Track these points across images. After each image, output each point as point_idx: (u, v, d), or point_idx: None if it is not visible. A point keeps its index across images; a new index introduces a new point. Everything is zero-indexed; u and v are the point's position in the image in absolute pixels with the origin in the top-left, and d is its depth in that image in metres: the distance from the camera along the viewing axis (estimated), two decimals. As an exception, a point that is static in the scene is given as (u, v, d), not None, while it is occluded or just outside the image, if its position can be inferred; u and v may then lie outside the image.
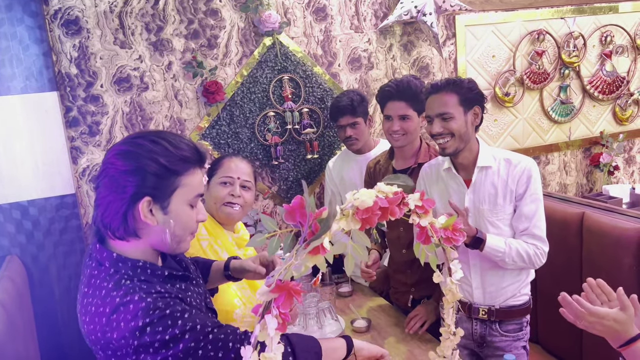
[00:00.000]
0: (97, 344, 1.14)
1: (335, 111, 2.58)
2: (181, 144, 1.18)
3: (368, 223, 1.17)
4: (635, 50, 3.66)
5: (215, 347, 1.16)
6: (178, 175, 1.17)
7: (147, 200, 1.13)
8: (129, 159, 1.14)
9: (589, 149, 3.70)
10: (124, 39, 2.54)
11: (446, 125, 1.88)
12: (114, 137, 2.59)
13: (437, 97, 1.91)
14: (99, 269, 1.17)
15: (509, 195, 1.91)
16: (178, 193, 1.17)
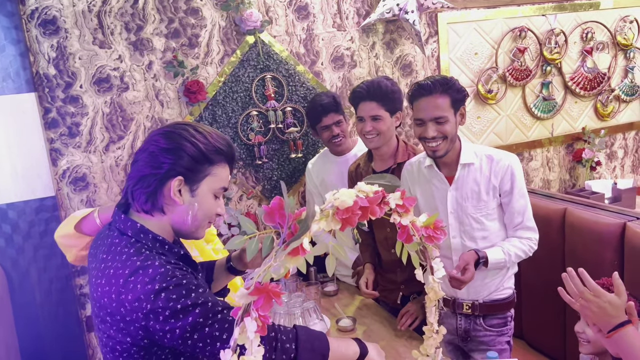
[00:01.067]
0: (107, 307, 1.18)
1: (320, 111, 2.51)
2: (219, 138, 1.28)
3: (348, 223, 1.16)
4: (615, 46, 3.69)
5: (221, 327, 1.17)
6: (211, 164, 1.25)
7: (178, 179, 1.22)
8: (171, 138, 1.22)
9: (572, 145, 3.72)
10: (103, 39, 2.51)
11: (440, 129, 1.87)
12: (95, 139, 2.55)
13: (430, 100, 1.87)
14: (121, 237, 1.24)
15: (492, 191, 1.93)
16: (207, 180, 1.25)
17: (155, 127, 2.65)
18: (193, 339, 1.16)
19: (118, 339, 1.20)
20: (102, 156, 2.58)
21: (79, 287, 2.61)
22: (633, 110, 3.87)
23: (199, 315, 1.15)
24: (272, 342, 1.21)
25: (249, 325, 0.99)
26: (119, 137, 2.60)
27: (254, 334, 0.99)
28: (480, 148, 2.00)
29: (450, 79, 1.91)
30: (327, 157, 2.68)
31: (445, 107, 1.87)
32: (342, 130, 2.54)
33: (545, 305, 2.38)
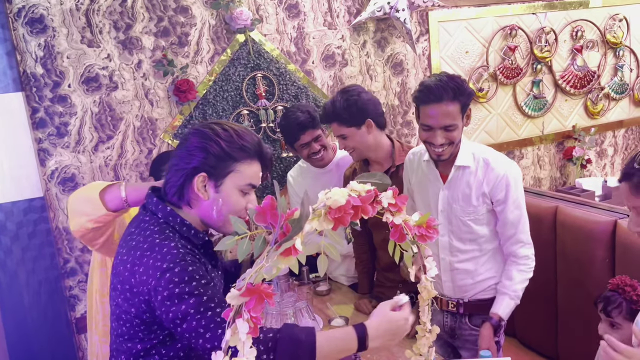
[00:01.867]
0: (120, 275, 1.27)
1: (296, 129, 2.33)
2: (245, 136, 1.33)
3: (341, 222, 1.15)
4: (605, 45, 3.71)
5: (207, 325, 1.19)
6: (235, 161, 1.31)
7: (202, 175, 1.29)
8: (201, 137, 1.31)
9: (562, 142, 3.74)
10: (92, 38, 2.48)
11: (449, 136, 1.81)
12: (83, 138, 2.52)
13: (440, 107, 1.78)
14: (151, 216, 1.32)
15: (482, 198, 1.89)
16: (231, 176, 1.31)
17: (145, 127, 2.63)
18: (182, 327, 1.20)
19: (124, 308, 1.28)
20: (91, 156, 2.55)
21: (69, 289, 2.58)
22: (622, 108, 3.89)
23: (191, 305, 1.18)
24: None
25: (240, 327, 0.98)
26: (108, 137, 2.57)
27: (246, 336, 0.98)
28: (481, 150, 1.93)
29: (462, 83, 1.81)
30: (308, 171, 2.56)
31: (455, 115, 1.79)
32: (322, 144, 2.40)
33: (537, 303, 2.38)
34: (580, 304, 2.18)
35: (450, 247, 1.97)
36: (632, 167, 1.26)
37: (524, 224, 1.91)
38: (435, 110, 1.79)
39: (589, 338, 1.74)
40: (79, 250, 2.58)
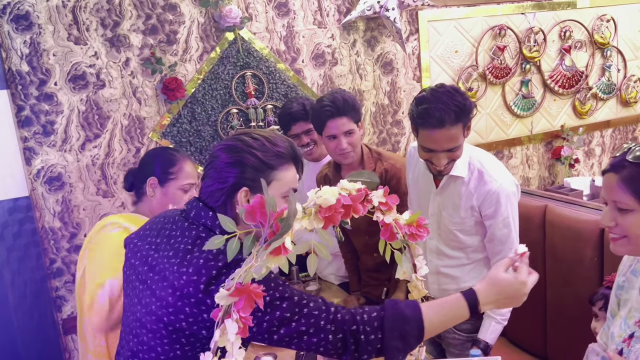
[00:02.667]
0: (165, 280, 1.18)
1: (288, 119, 2.44)
2: (277, 141, 1.29)
3: (331, 221, 1.14)
4: (593, 45, 3.73)
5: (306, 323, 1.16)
6: (273, 170, 1.27)
7: (244, 190, 1.24)
8: (232, 152, 1.26)
9: (551, 142, 3.76)
10: (79, 35, 2.45)
11: (452, 156, 1.75)
12: (70, 137, 2.49)
13: (444, 132, 1.68)
14: (208, 233, 1.23)
15: (470, 210, 1.85)
16: (273, 186, 1.26)
17: (132, 126, 2.60)
18: (279, 333, 1.15)
19: (190, 331, 1.17)
20: (78, 155, 2.52)
21: (55, 289, 2.55)
22: (610, 108, 3.92)
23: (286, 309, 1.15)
24: (356, 335, 1.18)
25: (229, 327, 0.96)
26: (96, 136, 2.54)
27: (235, 336, 0.97)
28: (478, 158, 1.86)
29: (464, 102, 1.69)
30: (305, 164, 2.60)
31: (458, 136, 1.72)
32: (312, 138, 2.45)
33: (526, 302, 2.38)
34: (569, 302, 2.19)
35: (437, 250, 1.96)
36: (623, 160, 1.22)
37: (512, 242, 1.83)
38: (437, 136, 1.70)
39: (578, 336, 1.74)
40: (65, 250, 2.55)
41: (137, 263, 1.32)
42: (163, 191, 1.83)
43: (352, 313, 1.22)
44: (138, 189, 1.88)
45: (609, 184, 1.25)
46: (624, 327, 1.34)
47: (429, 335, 1.25)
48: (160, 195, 1.83)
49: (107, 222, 1.80)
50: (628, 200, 1.21)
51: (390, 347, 1.19)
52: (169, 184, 1.84)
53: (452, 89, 1.72)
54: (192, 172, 1.89)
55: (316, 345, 1.17)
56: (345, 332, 1.18)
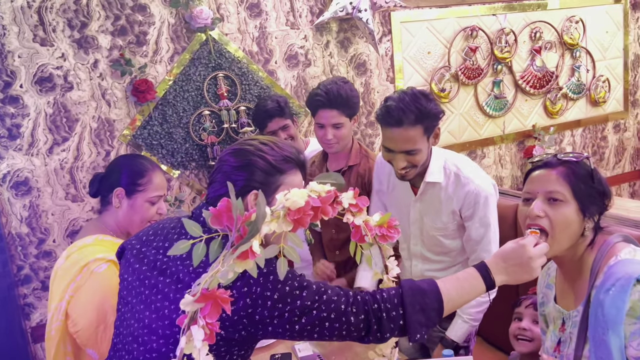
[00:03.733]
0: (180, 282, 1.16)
1: (263, 115, 2.47)
2: (285, 146, 1.31)
3: (300, 224, 1.13)
4: (562, 46, 3.79)
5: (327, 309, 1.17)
6: (282, 174, 1.28)
7: (254, 193, 1.24)
8: (240, 155, 1.27)
9: (523, 142, 3.80)
10: (45, 36, 2.39)
11: (411, 160, 1.74)
12: (37, 141, 2.43)
13: (401, 132, 1.69)
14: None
15: (452, 215, 1.85)
16: (281, 189, 1.24)
17: (102, 128, 2.55)
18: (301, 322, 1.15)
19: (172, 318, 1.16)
20: (46, 159, 2.46)
21: (23, 297, 2.49)
22: (580, 108, 3.98)
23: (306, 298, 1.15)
24: (378, 314, 1.19)
25: (195, 334, 0.94)
26: (64, 139, 2.49)
27: (202, 343, 0.95)
28: (452, 161, 1.86)
29: (426, 105, 1.69)
30: None
31: (417, 139, 1.70)
32: (289, 134, 2.49)
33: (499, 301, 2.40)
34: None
35: (422, 255, 1.96)
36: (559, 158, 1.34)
37: (488, 243, 1.84)
38: (394, 134, 1.71)
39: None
40: (33, 256, 2.49)
41: (144, 268, 1.29)
42: (130, 203, 1.78)
43: (372, 293, 1.23)
44: (103, 197, 1.82)
45: (543, 177, 1.32)
46: (553, 337, 1.40)
47: (450, 310, 1.24)
48: (127, 206, 1.78)
49: (88, 258, 1.66)
50: (566, 192, 1.28)
51: (413, 321, 1.19)
52: (136, 195, 1.79)
53: (420, 93, 1.72)
54: (162, 184, 1.84)
55: (339, 330, 1.18)
56: (367, 312, 1.19)
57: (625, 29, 4.05)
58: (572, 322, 1.32)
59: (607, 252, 1.27)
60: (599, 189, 1.32)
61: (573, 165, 1.32)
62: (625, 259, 1.23)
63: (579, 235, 1.31)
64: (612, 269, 1.21)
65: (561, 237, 1.30)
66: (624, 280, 1.15)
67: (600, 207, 1.33)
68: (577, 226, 1.30)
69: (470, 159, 1.97)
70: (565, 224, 1.29)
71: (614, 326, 1.13)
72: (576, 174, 1.31)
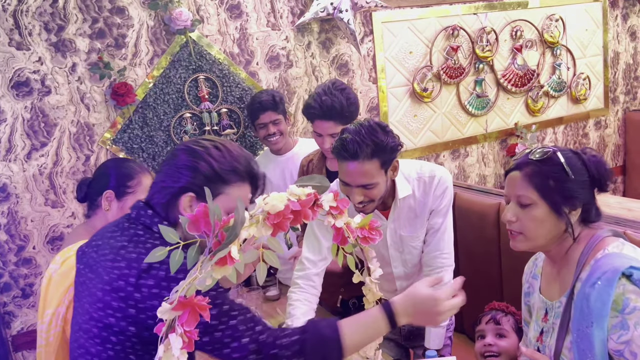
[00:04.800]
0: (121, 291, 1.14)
1: (257, 107, 2.50)
2: (240, 158, 1.28)
3: (280, 228, 1.11)
4: (543, 44, 3.82)
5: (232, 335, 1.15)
6: (225, 184, 1.25)
7: (190, 195, 1.23)
8: (191, 155, 1.25)
9: (505, 140, 3.82)
10: (21, 40, 2.35)
11: (368, 194, 1.67)
12: (15, 146, 2.39)
13: (357, 165, 1.62)
14: (145, 230, 1.23)
15: (426, 215, 1.83)
16: (220, 199, 1.23)
17: (81, 133, 2.52)
18: (202, 340, 1.12)
19: (119, 327, 1.15)
20: (24, 165, 2.42)
21: (3, 305, 2.44)
22: (561, 105, 4.02)
23: (213, 317, 1.10)
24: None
25: (173, 342, 0.93)
26: (42, 144, 2.45)
27: (180, 351, 0.93)
28: (408, 169, 1.84)
29: (384, 138, 1.62)
30: (267, 157, 2.65)
31: (374, 173, 1.64)
32: (279, 129, 2.52)
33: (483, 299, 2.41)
34: (525, 298, 2.22)
35: (405, 275, 1.95)
36: (527, 159, 1.31)
37: (444, 231, 1.84)
38: (350, 168, 1.63)
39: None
40: (13, 264, 2.44)
41: (82, 267, 1.30)
42: (120, 205, 1.76)
43: (274, 336, 1.19)
44: (92, 201, 1.80)
45: (513, 181, 1.32)
46: (536, 327, 1.41)
47: (351, 352, 1.24)
48: (117, 209, 1.76)
49: None
50: (531, 195, 1.27)
51: None
52: (126, 197, 1.77)
53: (377, 125, 1.66)
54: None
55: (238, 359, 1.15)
56: (266, 356, 1.16)
57: (605, 26, 4.09)
58: (555, 312, 1.33)
59: (595, 245, 1.27)
60: (580, 179, 1.27)
61: (540, 164, 1.28)
62: (612, 253, 1.22)
63: (560, 232, 1.30)
64: (599, 262, 1.21)
65: (536, 237, 1.30)
66: (610, 274, 1.15)
67: (586, 197, 1.28)
68: (551, 225, 1.29)
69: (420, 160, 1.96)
70: (536, 226, 1.29)
71: (599, 319, 1.13)
72: (543, 173, 1.27)
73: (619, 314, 1.12)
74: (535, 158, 1.29)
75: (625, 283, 1.13)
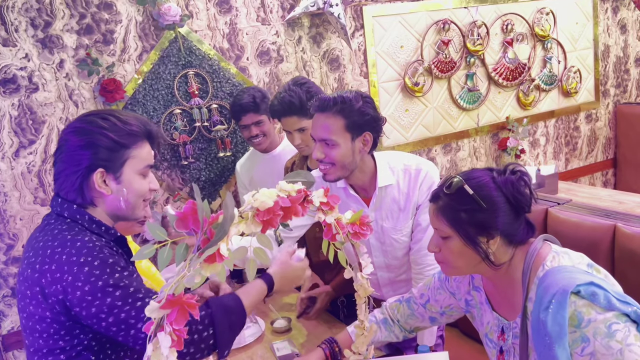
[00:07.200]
0: (29, 279, 1.19)
1: (238, 110, 2.44)
2: (129, 120, 1.30)
3: (270, 225, 1.10)
4: (534, 37, 3.82)
5: (137, 315, 1.17)
6: (127, 148, 1.27)
7: (100, 171, 1.25)
8: (82, 134, 1.25)
9: (497, 134, 3.83)
10: (7, 36, 2.32)
11: (328, 152, 1.67)
12: (2, 144, 2.36)
13: (322, 117, 1.66)
14: (57, 218, 1.27)
15: (411, 210, 1.81)
16: (129, 164, 1.28)
17: (70, 130, 2.49)
18: (107, 321, 1.16)
19: (38, 315, 1.20)
20: (12, 162, 2.39)
21: (-8, 305, 2.42)
22: (552, 99, 4.02)
23: (118, 297, 1.16)
24: (188, 336, 1.18)
25: (162, 341, 0.92)
26: (30, 142, 2.42)
27: (169, 350, 0.92)
28: (395, 160, 1.83)
29: (354, 101, 1.65)
30: (254, 156, 2.62)
31: (335, 130, 1.65)
32: (262, 130, 2.45)
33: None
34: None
35: (386, 265, 1.94)
36: (440, 191, 1.29)
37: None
38: (316, 120, 1.69)
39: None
40: (2, 263, 2.42)
41: (19, 272, 1.31)
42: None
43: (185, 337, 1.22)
44: None
45: (430, 214, 1.32)
46: (491, 344, 1.40)
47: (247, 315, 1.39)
48: None
49: None
50: (445, 228, 1.27)
51: (223, 339, 1.26)
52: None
53: (359, 94, 1.69)
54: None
55: (143, 340, 1.17)
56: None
57: (595, 19, 4.10)
58: (512, 333, 1.32)
59: (533, 263, 1.25)
60: (494, 207, 1.23)
61: (450, 197, 1.26)
62: (551, 269, 1.21)
63: (479, 260, 1.27)
64: (544, 282, 1.19)
65: (458, 267, 1.31)
66: (560, 296, 1.13)
67: (505, 222, 1.24)
68: (469, 255, 1.27)
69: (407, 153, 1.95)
70: (455, 257, 1.29)
71: (559, 341, 1.12)
72: (454, 206, 1.25)
73: (576, 329, 1.12)
74: (447, 191, 1.26)
75: (575, 300, 1.12)
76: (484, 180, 1.26)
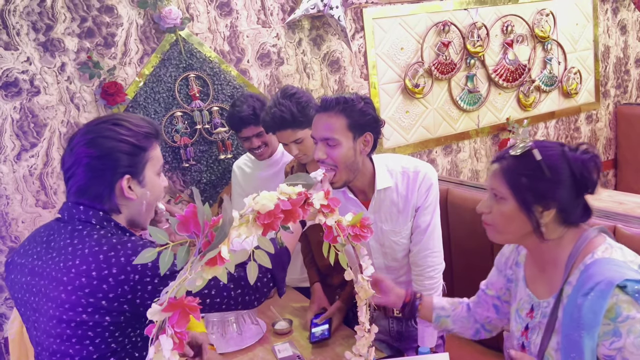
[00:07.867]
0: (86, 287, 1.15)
1: (237, 122, 2.35)
2: (140, 122, 1.31)
3: (271, 228, 1.11)
4: (534, 39, 3.83)
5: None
6: (146, 151, 1.29)
7: (126, 178, 1.26)
8: (98, 145, 1.24)
9: (497, 135, 3.83)
10: (9, 40, 2.33)
11: (330, 153, 1.67)
12: (4, 147, 2.37)
13: (324, 117, 1.67)
14: (84, 224, 1.24)
15: (410, 212, 1.82)
16: (149, 166, 1.30)
17: (71, 133, 2.48)
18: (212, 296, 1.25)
19: (92, 322, 1.17)
20: (14, 165, 2.40)
21: (-5, 308, 2.43)
22: (553, 100, 4.03)
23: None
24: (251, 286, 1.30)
25: (164, 344, 0.92)
26: (32, 145, 2.43)
27: (171, 352, 0.93)
28: (393, 162, 1.84)
29: (356, 102, 1.67)
30: (255, 161, 2.57)
31: (337, 129, 1.65)
32: (263, 141, 2.38)
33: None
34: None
35: (386, 267, 1.94)
36: (506, 153, 1.29)
37: (433, 230, 1.83)
38: (318, 120, 1.69)
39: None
40: (3, 265, 2.43)
41: (28, 279, 1.28)
42: None
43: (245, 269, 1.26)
44: None
45: (491, 173, 1.32)
46: (520, 321, 1.40)
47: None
48: None
49: None
50: (502, 189, 1.27)
51: (280, 279, 1.37)
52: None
53: (359, 96, 1.71)
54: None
55: (219, 304, 1.27)
56: (243, 287, 1.29)
57: (595, 20, 4.11)
58: (541, 312, 1.32)
59: (583, 248, 1.24)
60: (558, 178, 1.22)
61: (516, 160, 1.25)
62: (601, 259, 1.20)
63: (529, 230, 1.27)
64: (590, 270, 1.19)
65: (505, 232, 1.31)
66: (604, 286, 1.13)
67: (563, 197, 1.23)
68: (521, 222, 1.27)
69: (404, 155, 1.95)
70: (504, 221, 1.29)
71: (590, 329, 1.12)
72: (517, 169, 1.25)
73: (611, 322, 1.12)
74: (513, 153, 1.27)
75: (619, 294, 1.12)
76: (555, 151, 1.26)
